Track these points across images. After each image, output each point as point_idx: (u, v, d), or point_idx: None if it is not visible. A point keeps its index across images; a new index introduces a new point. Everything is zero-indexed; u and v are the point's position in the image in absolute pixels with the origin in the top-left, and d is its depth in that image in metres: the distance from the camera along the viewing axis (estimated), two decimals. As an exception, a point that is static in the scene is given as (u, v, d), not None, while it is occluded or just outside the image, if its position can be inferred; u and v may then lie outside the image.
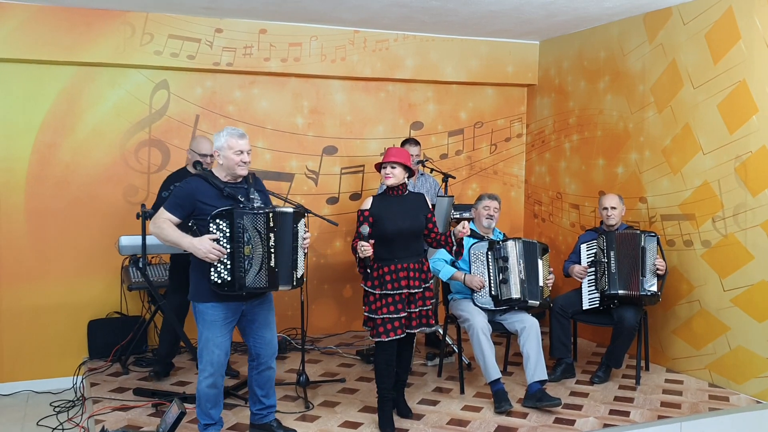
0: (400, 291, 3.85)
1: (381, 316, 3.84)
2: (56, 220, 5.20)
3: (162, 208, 3.50)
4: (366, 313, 3.92)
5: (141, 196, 5.40)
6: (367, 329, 3.97)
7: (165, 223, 3.44)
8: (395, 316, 3.84)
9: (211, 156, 4.62)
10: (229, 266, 3.39)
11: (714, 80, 4.69)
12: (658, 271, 4.61)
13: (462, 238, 3.98)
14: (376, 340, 3.87)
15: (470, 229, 4.66)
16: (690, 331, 4.94)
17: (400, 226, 3.85)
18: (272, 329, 3.73)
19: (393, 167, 3.92)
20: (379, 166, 4.00)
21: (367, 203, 3.94)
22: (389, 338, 3.83)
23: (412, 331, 3.97)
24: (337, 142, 6.02)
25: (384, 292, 3.85)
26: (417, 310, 3.93)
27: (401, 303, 3.86)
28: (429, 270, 4.02)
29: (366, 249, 3.75)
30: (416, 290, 3.90)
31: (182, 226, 3.50)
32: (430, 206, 4.10)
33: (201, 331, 3.53)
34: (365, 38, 5.82)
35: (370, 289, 3.89)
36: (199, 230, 3.45)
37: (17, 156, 5.10)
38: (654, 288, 4.61)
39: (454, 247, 4.01)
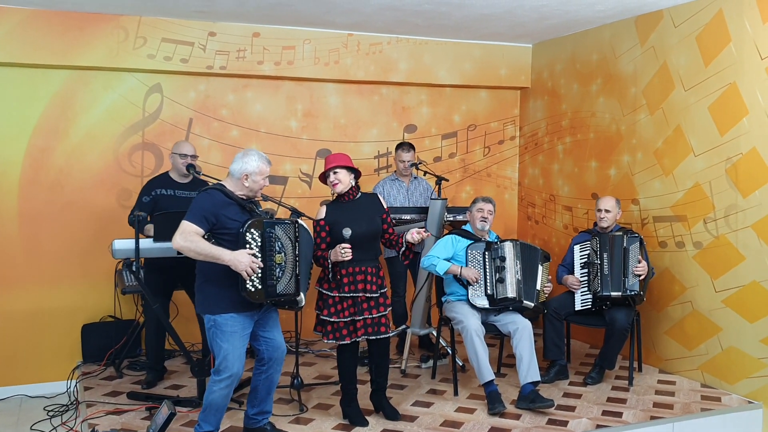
0: (357, 294, 3.86)
1: (342, 319, 3.86)
2: (50, 224, 5.20)
3: (186, 222, 3.42)
4: (324, 317, 3.89)
5: (134, 199, 5.37)
6: (319, 334, 3.97)
7: (196, 236, 3.40)
8: (354, 318, 3.87)
9: (192, 156, 4.66)
10: (260, 275, 3.43)
11: (705, 82, 4.72)
12: (637, 274, 4.63)
13: (412, 244, 3.98)
14: (340, 343, 3.90)
15: (464, 230, 4.69)
16: (682, 332, 4.96)
17: (357, 231, 3.82)
18: (280, 330, 3.78)
19: (335, 172, 3.89)
20: (323, 178, 3.98)
21: (322, 212, 3.92)
22: (352, 340, 3.88)
23: (378, 338, 3.95)
24: (331, 145, 6.03)
25: (342, 295, 3.85)
26: (377, 316, 3.93)
27: (359, 306, 3.87)
28: (384, 276, 4.05)
29: (347, 252, 3.74)
30: (373, 294, 3.91)
31: None
32: (385, 206, 4.09)
33: (220, 345, 3.50)
34: (358, 41, 5.84)
35: (327, 292, 3.89)
36: (217, 243, 3.46)
37: (10, 160, 5.09)
38: (636, 288, 4.63)
39: (403, 249, 4.02)
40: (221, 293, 3.48)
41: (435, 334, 5.04)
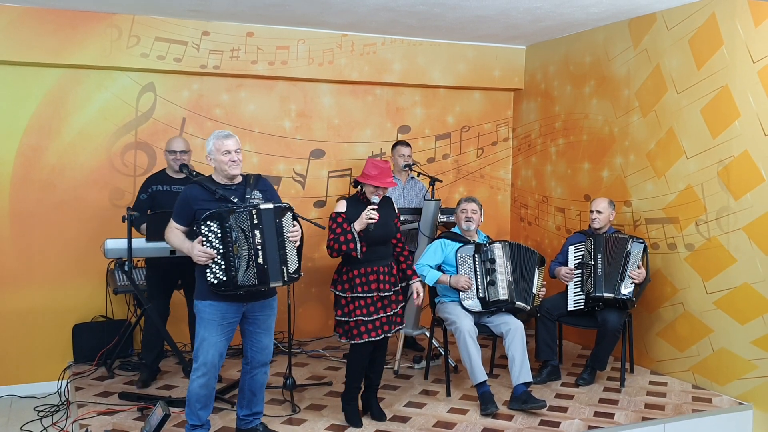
0: (371, 294, 3.87)
1: (354, 319, 3.86)
2: (41, 224, 5.17)
3: (171, 218, 3.62)
4: (338, 317, 3.93)
5: (127, 199, 5.37)
6: (337, 335, 3.98)
7: (172, 231, 3.59)
8: (368, 318, 3.86)
9: (181, 152, 4.67)
10: (223, 266, 3.43)
11: (697, 85, 4.75)
12: (633, 279, 4.65)
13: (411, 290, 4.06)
14: (351, 342, 3.90)
15: (453, 232, 4.69)
16: (674, 333, 4.98)
17: (373, 234, 3.83)
18: (270, 335, 3.76)
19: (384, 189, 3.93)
20: (360, 181, 3.93)
21: (342, 206, 3.92)
22: (363, 340, 3.86)
23: (387, 336, 3.97)
24: (325, 146, 6.02)
25: (354, 295, 3.86)
26: (390, 314, 3.96)
27: (372, 306, 3.88)
28: (397, 273, 4.05)
29: (373, 213, 3.76)
30: (386, 293, 3.92)
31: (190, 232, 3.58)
32: (397, 212, 4.11)
33: (198, 330, 3.55)
34: (353, 42, 5.84)
35: (340, 293, 3.91)
36: (201, 234, 3.49)
37: (2, 159, 5.06)
38: (629, 293, 4.64)
39: (401, 283, 4.06)
40: (202, 281, 3.51)
41: (428, 335, 5.04)
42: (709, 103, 4.66)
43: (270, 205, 3.54)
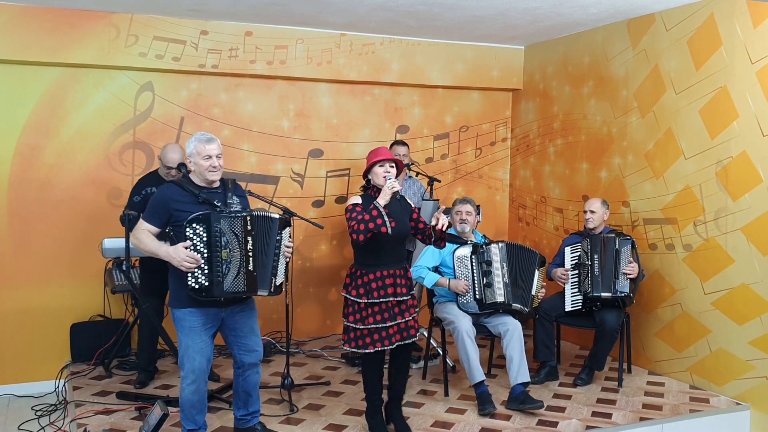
0: (387, 299, 3.69)
1: (367, 327, 3.67)
2: (39, 223, 5.16)
3: (141, 219, 3.50)
4: (350, 324, 3.72)
5: (125, 198, 5.32)
6: (343, 342, 3.79)
7: (143, 234, 3.44)
8: (382, 326, 3.67)
9: (177, 168, 4.46)
10: (206, 271, 3.36)
11: (696, 86, 4.75)
12: (628, 275, 4.66)
13: (441, 230, 3.75)
14: (363, 352, 3.70)
15: (450, 234, 4.69)
16: (672, 333, 4.99)
17: (392, 230, 3.66)
18: (256, 335, 3.70)
19: (392, 166, 3.73)
20: (368, 170, 3.75)
21: (356, 199, 3.74)
22: (375, 349, 3.68)
23: (404, 342, 3.77)
24: (323, 146, 6.02)
25: (371, 300, 3.67)
26: (409, 319, 3.77)
27: (388, 312, 3.69)
28: (412, 277, 3.94)
29: (395, 182, 3.59)
30: (404, 297, 3.75)
31: (161, 234, 3.48)
32: (413, 206, 3.98)
33: (180, 338, 3.50)
34: (351, 42, 5.84)
35: (355, 298, 3.69)
36: (176, 236, 3.42)
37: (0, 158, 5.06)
38: (626, 290, 4.65)
39: (434, 239, 3.82)
40: (181, 288, 3.43)
41: (426, 335, 5.04)
42: (708, 103, 4.67)
43: (276, 215, 3.52)
